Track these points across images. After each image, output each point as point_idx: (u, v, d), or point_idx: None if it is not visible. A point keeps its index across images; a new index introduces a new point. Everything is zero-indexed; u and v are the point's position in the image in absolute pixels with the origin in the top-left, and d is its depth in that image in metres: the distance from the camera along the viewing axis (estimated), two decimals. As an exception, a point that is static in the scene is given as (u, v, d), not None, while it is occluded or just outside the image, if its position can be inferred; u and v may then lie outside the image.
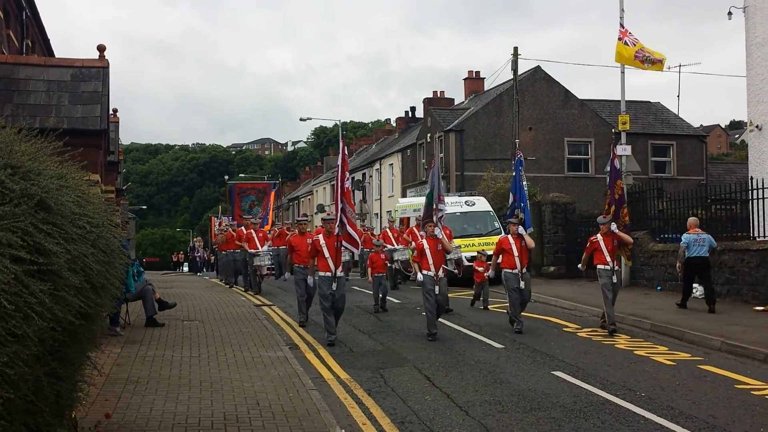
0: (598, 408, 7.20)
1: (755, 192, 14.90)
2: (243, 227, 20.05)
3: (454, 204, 21.52)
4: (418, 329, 12.13)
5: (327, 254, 10.97)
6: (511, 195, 13.56)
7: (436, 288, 11.17)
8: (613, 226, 11.82)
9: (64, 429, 4.57)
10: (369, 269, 14.53)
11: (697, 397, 7.62)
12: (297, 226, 14.01)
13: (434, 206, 12.10)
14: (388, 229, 20.02)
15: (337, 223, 10.85)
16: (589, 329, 12.19)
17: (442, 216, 12.11)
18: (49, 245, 3.75)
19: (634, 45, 17.29)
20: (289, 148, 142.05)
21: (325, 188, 56.01)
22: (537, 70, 33.29)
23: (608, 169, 13.17)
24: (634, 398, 7.55)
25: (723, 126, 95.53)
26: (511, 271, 11.92)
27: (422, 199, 25.37)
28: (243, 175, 78.32)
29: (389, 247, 18.41)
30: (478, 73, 41.14)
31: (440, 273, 11.30)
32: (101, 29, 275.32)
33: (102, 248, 4.52)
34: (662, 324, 11.93)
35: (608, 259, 11.68)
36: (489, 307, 14.77)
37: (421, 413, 7.07)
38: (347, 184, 11.09)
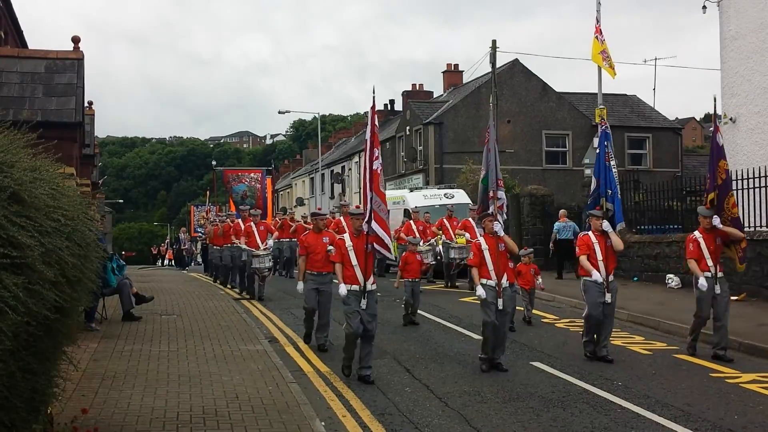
0: (576, 397, 7.28)
1: (729, 184, 15.10)
2: (240, 219, 16.50)
3: (433, 196, 21.69)
4: (397, 322, 12.14)
5: (354, 260, 8.18)
6: (593, 180, 10.39)
7: (499, 302, 8.53)
8: (716, 221, 9.19)
9: (40, 425, 4.51)
10: (400, 271, 12.07)
11: (672, 385, 7.73)
12: (313, 222, 10.59)
13: (491, 193, 9.48)
14: (411, 222, 17.35)
15: (365, 218, 8.19)
16: (567, 320, 12.29)
17: (503, 205, 9.58)
18: (22, 238, 3.69)
19: (602, 44, 17.79)
20: (268, 141, 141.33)
21: (304, 181, 55.81)
22: (515, 63, 33.41)
23: (717, 142, 9.81)
24: (611, 387, 7.65)
25: (698, 119, 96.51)
26: (592, 279, 9.13)
27: (402, 192, 25.60)
28: (221, 168, 77.61)
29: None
30: (456, 66, 41.20)
31: (504, 281, 8.64)
32: (70, 17, 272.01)
33: (77, 241, 4.46)
34: (639, 314, 12.08)
35: (709, 263, 9.14)
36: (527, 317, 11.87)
37: (400, 405, 7.09)
38: (376, 164, 8.22)
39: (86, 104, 16.17)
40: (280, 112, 42.91)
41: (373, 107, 8.27)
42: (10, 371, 3.65)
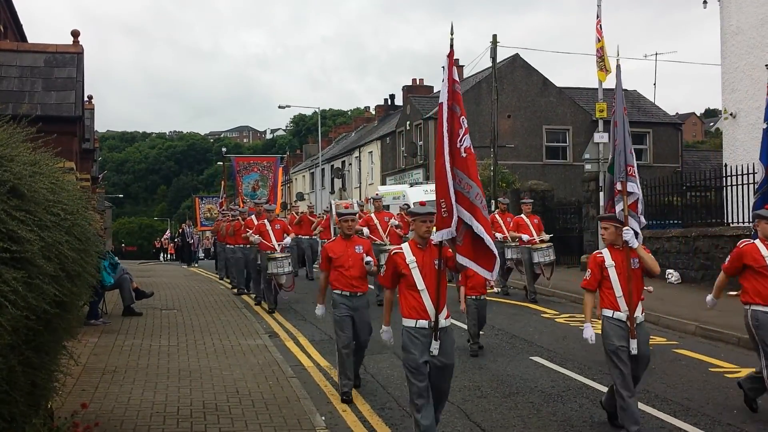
0: (576, 392, 7.29)
1: (729, 179, 15.13)
2: (254, 216, 14.46)
3: (433, 191, 21.55)
4: (396, 317, 12.12)
5: (421, 283, 5.63)
6: (761, 168, 7.50)
7: (632, 344, 5.92)
8: None
9: (40, 419, 4.52)
10: (461, 287, 9.23)
11: (672, 380, 7.74)
12: (341, 225, 7.80)
13: (618, 185, 6.25)
14: None
15: (454, 219, 5.28)
16: (567, 315, 12.29)
17: (637, 201, 6.28)
18: (22, 232, 3.68)
19: (598, 41, 17.62)
20: (268, 136, 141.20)
21: (304, 176, 55.79)
22: (516, 58, 33.36)
23: None
24: (611, 382, 7.64)
25: (698, 114, 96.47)
26: (765, 310, 6.48)
27: (402, 187, 25.59)
28: (220, 164, 77.62)
29: None
30: (457, 60, 41.08)
31: (639, 314, 6.08)
32: (68, 9, 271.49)
33: (77, 236, 4.46)
34: (638, 309, 12.07)
35: None
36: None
37: (400, 399, 7.09)
38: (466, 141, 5.33)
39: (86, 98, 16.16)
40: (280, 107, 42.58)
41: (450, 54, 5.47)
42: (10, 365, 3.65)
